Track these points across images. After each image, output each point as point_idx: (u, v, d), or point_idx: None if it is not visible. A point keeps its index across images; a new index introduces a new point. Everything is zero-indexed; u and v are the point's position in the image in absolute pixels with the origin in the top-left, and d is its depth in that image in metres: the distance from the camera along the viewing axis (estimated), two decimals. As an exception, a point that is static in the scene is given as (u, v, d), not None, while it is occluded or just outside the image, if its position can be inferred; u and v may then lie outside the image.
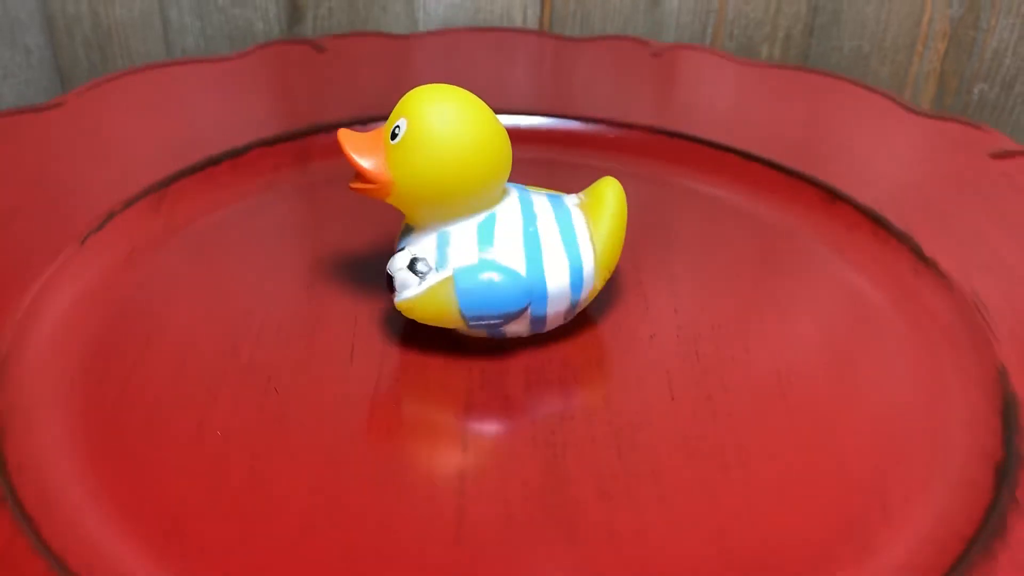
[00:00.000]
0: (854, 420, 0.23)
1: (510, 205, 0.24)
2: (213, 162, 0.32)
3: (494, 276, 0.22)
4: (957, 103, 0.43)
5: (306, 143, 0.34)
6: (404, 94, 0.23)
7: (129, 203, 0.29)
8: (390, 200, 0.23)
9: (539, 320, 0.24)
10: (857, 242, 0.30)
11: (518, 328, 0.24)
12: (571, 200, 0.25)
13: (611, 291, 0.27)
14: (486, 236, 0.23)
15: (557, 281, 0.23)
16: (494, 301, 0.23)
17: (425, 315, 0.23)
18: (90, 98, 0.34)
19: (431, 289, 0.23)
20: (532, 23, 0.43)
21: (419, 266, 0.23)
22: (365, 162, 0.23)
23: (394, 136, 0.23)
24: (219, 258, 0.28)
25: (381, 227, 0.30)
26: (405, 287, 0.23)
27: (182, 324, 0.26)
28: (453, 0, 0.43)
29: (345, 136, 0.23)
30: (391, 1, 0.43)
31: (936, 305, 0.27)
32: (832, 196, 0.31)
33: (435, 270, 0.23)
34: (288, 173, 0.33)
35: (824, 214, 0.31)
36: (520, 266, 0.23)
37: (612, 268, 0.25)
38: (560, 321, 0.25)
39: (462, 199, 0.23)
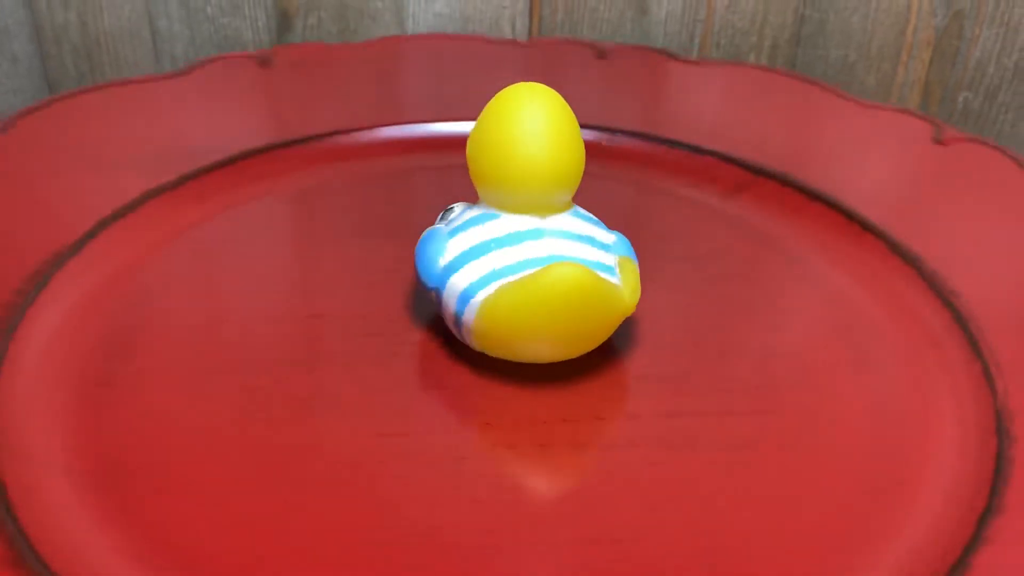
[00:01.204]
0: (843, 428, 0.23)
1: (519, 222, 0.24)
2: (203, 172, 0.32)
3: (431, 245, 0.24)
4: (942, 112, 0.43)
5: (296, 152, 0.34)
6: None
7: (118, 214, 0.29)
8: None
9: (440, 308, 0.25)
10: (844, 246, 0.30)
11: (435, 307, 0.25)
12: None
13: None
14: (470, 222, 0.24)
15: (455, 284, 0.24)
16: (420, 261, 0.25)
17: None
18: (75, 106, 0.34)
19: (429, 230, 0.25)
20: (521, 33, 0.43)
21: (446, 214, 0.26)
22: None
23: None
24: (212, 268, 0.28)
25: (371, 236, 0.30)
26: (435, 224, 0.26)
27: (175, 335, 0.26)
28: (442, 10, 0.43)
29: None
30: (380, 11, 0.43)
31: (924, 308, 0.27)
32: (819, 200, 0.32)
33: (446, 223, 0.25)
34: (279, 181, 0.33)
35: (811, 218, 0.31)
36: (451, 255, 0.24)
37: (503, 337, 0.23)
38: (455, 331, 0.24)
39: (484, 184, 0.24)
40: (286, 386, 0.24)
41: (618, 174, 0.34)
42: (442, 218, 0.26)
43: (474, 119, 0.36)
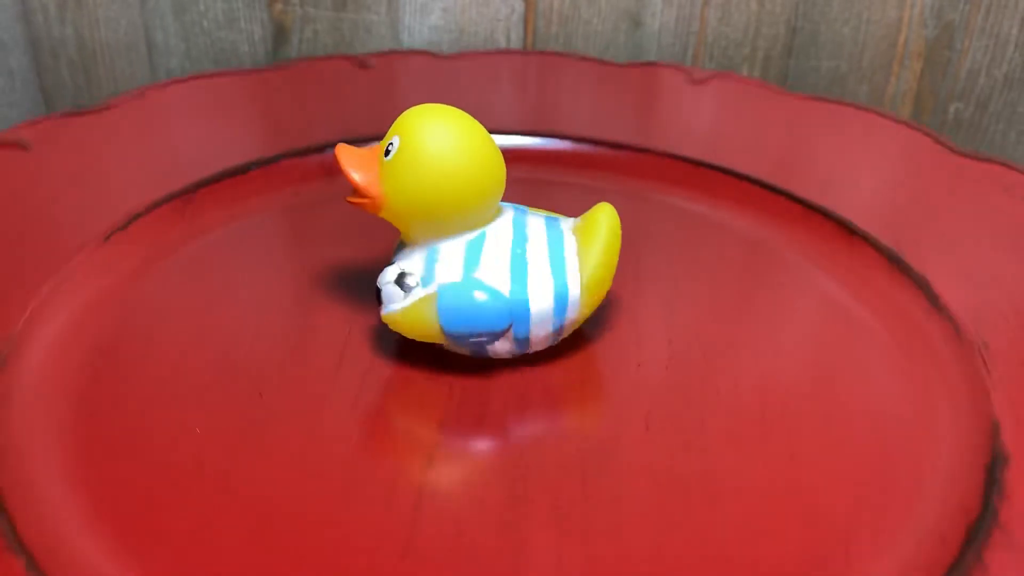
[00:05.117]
0: (835, 441, 0.23)
1: (502, 225, 0.24)
2: (206, 182, 0.32)
3: (477, 295, 0.23)
4: (933, 121, 0.43)
5: (297, 164, 0.34)
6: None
7: (121, 225, 0.30)
8: (383, 215, 0.24)
9: (522, 341, 0.24)
10: (839, 256, 0.30)
11: (502, 348, 0.24)
12: (567, 224, 0.25)
13: (596, 309, 0.27)
14: (473, 255, 0.23)
15: (541, 304, 0.23)
16: (475, 319, 0.23)
17: (408, 329, 0.24)
18: (82, 120, 0.34)
19: (415, 304, 0.23)
20: (516, 44, 0.44)
21: (407, 280, 0.23)
22: (358, 176, 0.23)
23: (387, 153, 0.23)
24: (207, 282, 0.29)
25: (372, 245, 0.30)
26: (391, 300, 0.24)
27: (175, 343, 0.26)
28: (437, 23, 0.43)
29: (342, 151, 0.24)
30: (375, 23, 0.43)
31: (917, 316, 0.27)
32: (813, 211, 0.32)
33: (421, 286, 0.23)
34: (280, 194, 0.33)
35: (805, 229, 0.32)
36: (504, 286, 0.23)
37: (601, 295, 0.24)
38: (545, 344, 0.25)
39: (451, 217, 0.23)
40: (279, 400, 0.24)
41: (612, 185, 0.34)
42: (405, 289, 0.23)
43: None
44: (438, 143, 0.23)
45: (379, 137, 0.35)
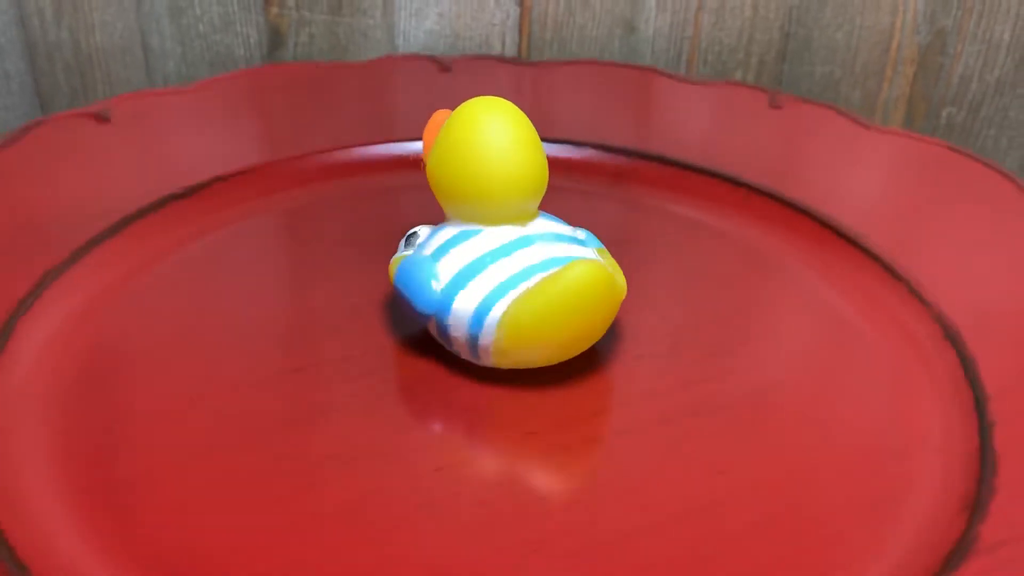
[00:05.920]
0: (831, 448, 0.23)
1: (504, 232, 0.24)
2: (194, 190, 0.32)
3: (420, 273, 0.24)
4: (926, 126, 0.44)
5: (287, 169, 0.34)
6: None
7: (118, 227, 0.30)
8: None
9: (445, 335, 0.24)
10: (833, 262, 0.31)
11: (434, 333, 0.25)
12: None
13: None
14: (451, 242, 0.24)
15: (463, 305, 0.23)
16: (411, 292, 0.24)
17: (389, 277, 0.26)
18: (68, 125, 0.34)
19: (398, 257, 0.25)
20: (511, 49, 0.44)
21: (411, 239, 0.26)
22: (423, 139, 0.26)
23: None
24: (203, 286, 0.29)
25: (370, 248, 0.31)
26: (397, 251, 0.26)
27: (164, 352, 0.26)
28: (432, 27, 0.43)
29: (435, 115, 0.26)
30: (371, 27, 0.43)
31: (913, 323, 0.28)
32: (808, 217, 0.32)
33: (415, 248, 0.25)
34: (270, 200, 0.33)
35: (800, 235, 0.32)
36: (447, 279, 0.24)
37: (526, 345, 0.23)
38: (466, 353, 0.24)
39: (456, 202, 0.24)
40: (276, 401, 0.24)
41: (609, 191, 0.35)
42: (407, 245, 0.26)
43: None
44: (459, 130, 0.24)
45: (377, 141, 0.35)
